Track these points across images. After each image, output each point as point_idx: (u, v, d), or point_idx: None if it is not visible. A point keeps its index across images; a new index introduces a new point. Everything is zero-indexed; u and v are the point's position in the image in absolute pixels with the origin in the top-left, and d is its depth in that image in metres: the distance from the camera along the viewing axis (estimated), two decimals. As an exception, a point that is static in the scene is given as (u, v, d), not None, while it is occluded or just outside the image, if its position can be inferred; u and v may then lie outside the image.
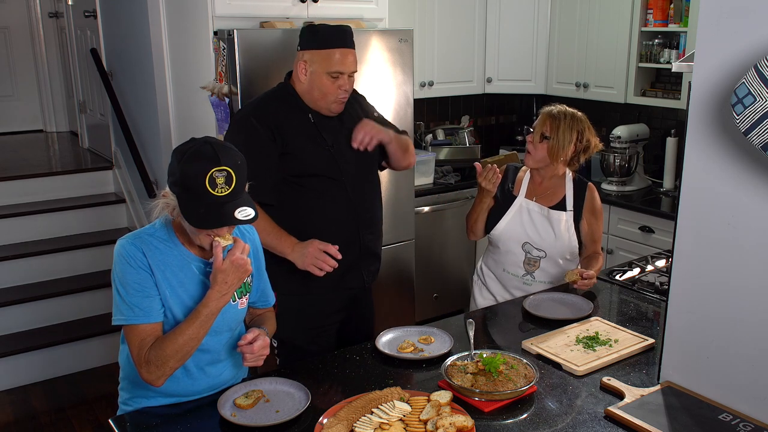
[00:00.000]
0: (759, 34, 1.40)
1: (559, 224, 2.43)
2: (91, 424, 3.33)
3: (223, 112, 3.06)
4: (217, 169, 1.52)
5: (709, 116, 1.53)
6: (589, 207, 2.47)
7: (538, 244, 2.44)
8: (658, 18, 3.78)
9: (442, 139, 4.55)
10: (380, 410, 1.57)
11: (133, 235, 1.66)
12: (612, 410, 1.60)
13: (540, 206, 2.45)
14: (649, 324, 2.16)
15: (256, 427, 1.57)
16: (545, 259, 2.44)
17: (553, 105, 2.46)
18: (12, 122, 6.31)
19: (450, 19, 4.27)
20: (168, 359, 1.60)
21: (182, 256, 1.68)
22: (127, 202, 4.55)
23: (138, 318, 1.61)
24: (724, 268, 1.56)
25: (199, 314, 1.62)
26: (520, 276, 2.48)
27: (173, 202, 1.59)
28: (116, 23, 4.41)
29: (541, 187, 2.49)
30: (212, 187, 1.52)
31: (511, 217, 2.47)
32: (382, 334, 2.02)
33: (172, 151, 1.60)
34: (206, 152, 1.54)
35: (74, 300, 3.96)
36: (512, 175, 2.55)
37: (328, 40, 2.20)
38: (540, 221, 2.44)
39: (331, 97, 2.23)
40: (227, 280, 1.62)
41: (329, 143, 2.27)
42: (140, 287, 1.61)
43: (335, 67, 2.19)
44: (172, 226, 1.68)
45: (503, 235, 2.47)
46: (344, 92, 2.24)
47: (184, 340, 1.60)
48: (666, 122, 4.12)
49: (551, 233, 2.43)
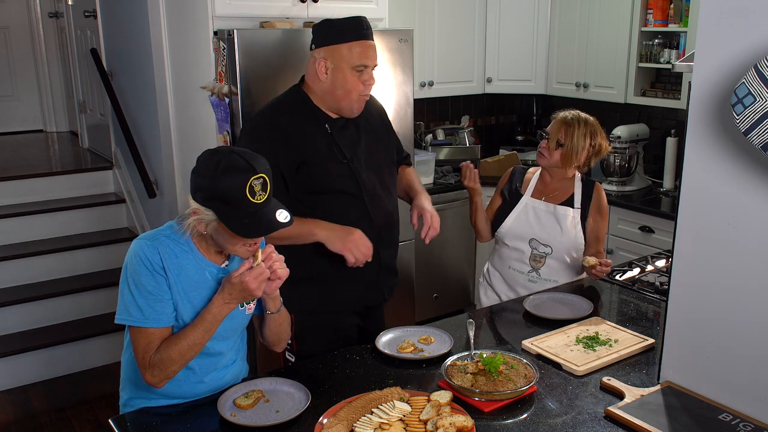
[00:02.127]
0: (759, 34, 1.40)
1: (566, 219, 2.45)
2: (91, 424, 3.33)
3: (223, 112, 3.06)
4: (254, 178, 1.53)
5: (709, 116, 1.53)
6: (596, 205, 2.50)
7: (545, 239, 2.46)
8: (658, 18, 3.78)
9: (442, 139, 4.55)
10: (380, 410, 1.57)
11: (150, 236, 1.65)
12: (612, 410, 1.60)
13: (546, 204, 2.49)
14: (649, 324, 2.16)
15: (256, 427, 1.57)
16: (551, 256, 2.46)
17: (567, 111, 2.50)
18: (12, 122, 6.31)
19: (450, 19, 4.27)
20: (172, 363, 1.60)
21: (197, 261, 1.67)
22: (127, 202, 4.55)
23: (148, 321, 1.61)
24: (724, 268, 1.56)
25: (203, 319, 1.62)
26: (525, 273, 2.50)
27: (207, 217, 1.57)
28: (116, 23, 4.41)
29: (549, 188, 2.52)
30: (252, 195, 1.53)
31: (516, 214, 2.50)
32: (382, 334, 2.02)
33: (196, 169, 1.58)
34: (239, 163, 1.53)
35: (74, 300, 3.96)
36: (519, 176, 2.60)
37: (348, 33, 2.06)
38: (546, 218, 2.48)
39: (354, 94, 2.10)
40: (232, 292, 1.62)
41: (348, 156, 2.14)
42: (154, 291, 1.60)
43: (359, 60, 2.06)
44: (190, 233, 1.66)
45: (510, 232, 2.51)
46: (368, 88, 2.12)
47: (188, 345, 1.61)
48: (666, 122, 4.12)
49: (557, 228, 2.45)
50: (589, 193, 2.50)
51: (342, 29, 2.06)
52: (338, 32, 2.06)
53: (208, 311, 1.63)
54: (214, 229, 1.59)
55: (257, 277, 1.61)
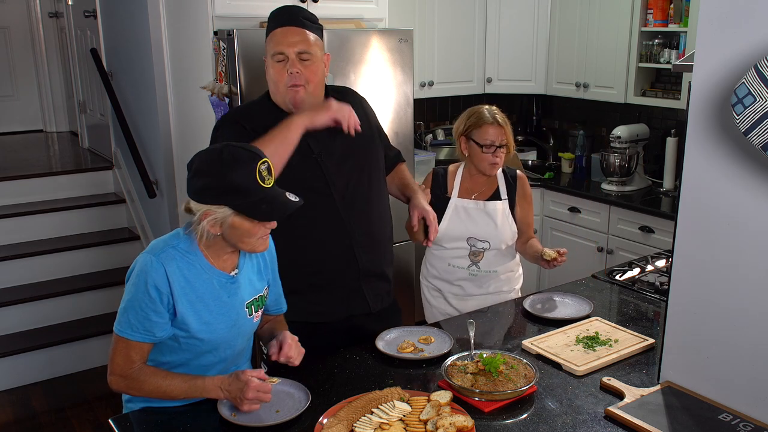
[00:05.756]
0: (759, 34, 1.40)
1: (496, 214, 2.49)
2: (91, 424, 3.33)
3: (223, 112, 3.06)
4: (260, 163, 1.55)
5: (709, 116, 1.53)
6: (521, 194, 2.56)
7: (482, 236, 2.49)
8: (658, 18, 3.78)
9: (442, 139, 4.55)
10: (380, 410, 1.57)
11: (158, 251, 1.62)
12: (612, 410, 1.60)
13: (475, 202, 2.51)
14: (649, 324, 2.16)
15: (256, 427, 1.57)
16: (489, 250, 2.50)
17: (481, 109, 2.47)
18: (12, 122, 6.31)
19: (450, 19, 4.27)
20: (139, 390, 1.63)
21: (203, 270, 1.65)
22: (127, 202, 4.55)
23: (133, 335, 1.60)
24: (724, 268, 1.56)
25: (192, 384, 1.62)
26: (465, 267, 2.53)
27: (221, 215, 1.55)
28: (116, 23, 4.41)
29: (476, 185, 2.54)
30: (262, 181, 1.55)
31: (449, 217, 2.51)
32: (382, 334, 2.02)
33: (198, 171, 1.56)
34: (241, 153, 1.55)
35: (74, 300, 3.96)
36: (442, 179, 2.59)
37: (272, 23, 1.98)
38: (478, 215, 2.50)
39: (281, 86, 1.96)
40: (231, 384, 1.60)
41: (315, 151, 2.02)
42: (147, 308, 1.59)
43: (274, 48, 1.94)
44: (197, 240, 1.64)
45: (446, 235, 2.51)
46: (293, 77, 1.94)
47: (163, 391, 1.61)
48: (666, 122, 4.12)
49: (491, 223, 2.49)
50: (511, 183, 2.55)
51: (269, 21, 2.00)
52: (268, 24, 2.01)
53: (202, 381, 1.62)
54: (229, 226, 1.58)
55: (259, 391, 1.58)
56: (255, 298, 1.77)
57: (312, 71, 1.97)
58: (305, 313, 2.09)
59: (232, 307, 1.70)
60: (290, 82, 1.95)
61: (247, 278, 1.75)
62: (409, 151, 3.57)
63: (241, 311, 1.72)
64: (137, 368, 1.62)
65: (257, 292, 1.78)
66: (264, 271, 1.82)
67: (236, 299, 1.70)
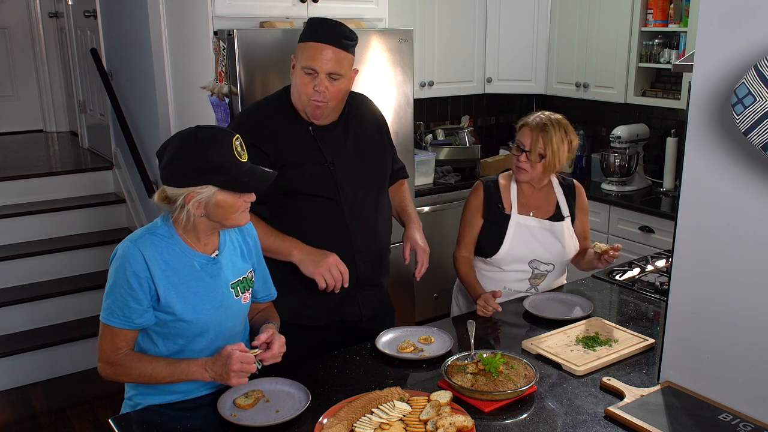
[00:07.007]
0: (759, 34, 1.40)
1: (563, 235, 2.37)
2: (91, 424, 3.33)
3: (223, 112, 3.06)
4: (234, 139, 1.61)
5: (709, 116, 1.53)
6: (580, 206, 2.47)
7: (546, 258, 2.36)
8: (658, 18, 3.78)
9: (442, 139, 4.55)
10: (380, 410, 1.57)
11: (135, 238, 1.66)
12: (612, 410, 1.60)
13: (539, 220, 2.35)
14: (649, 324, 2.16)
15: (256, 427, 1.57)
16: (552, 272, 2.40)
17: (534, 115, 2.32)
18: (12, 122, 6.31)
19: (450, 19, 4.27)
20: (126, 375, 1.66)
21: (183, 253, 1.68)
22: (127, 202, 4.55)
23: (115, 321, 1.63)
24: (724, 268, 1.56)
25: (177, 367, 1.64)
26: (524, 291, 2.40)
27: (205, 195, 1.59)
28: (116, 23, 4.41)
29: (533, 199, 2.39)
30: (239, 156, 1.61)
31: (512, 237, 2.33)
32: (382, 334, 2.02)
33: (174, 156, 1.59)
34: (215, 133, 1.61)
35: (74, 300, 3.96)
36: (495, 191, 2.39)
37: (306, 32, 1.99)
38: (543, 236, 2.35)
39: (304, 97, 1.98)
40: (216, 362, 1.61)
41: (328, 159, 2.05)
42: (126, 294, 1.62)
43: (306, 62, 1.95)
44: (174, 224, 1.67)
45: (507, 257, 2.35)
46: (318, 94, 1.97)
47: (149, 375, 1.64)
48: (666, 122, 4.12)
49: (558, 245, 2.36)
50: (571, 196, 2.43)
51: (309, 28, 2.00)
52: (306, 31, 2.01)
53: (186, 363, 1.64)
54: (214, 205, 1.61)
55: (242, 362, 1.59)
56: (240, 279, 1.78)
57: (338, 89, 2.00)
58: (298, 316, 2.12)
59: (216, 287, 1.71)
60: (314, 97, 1.98)
61: (230, 260, 1.77)
62: (409, 151, 3.57)
63: (227, 291, 1.73)
64: (123, 354, 1.65)
65: (241, 273, 1.79)
66: (248, 255, 1.84)
67: (219, 280, 1.72)
